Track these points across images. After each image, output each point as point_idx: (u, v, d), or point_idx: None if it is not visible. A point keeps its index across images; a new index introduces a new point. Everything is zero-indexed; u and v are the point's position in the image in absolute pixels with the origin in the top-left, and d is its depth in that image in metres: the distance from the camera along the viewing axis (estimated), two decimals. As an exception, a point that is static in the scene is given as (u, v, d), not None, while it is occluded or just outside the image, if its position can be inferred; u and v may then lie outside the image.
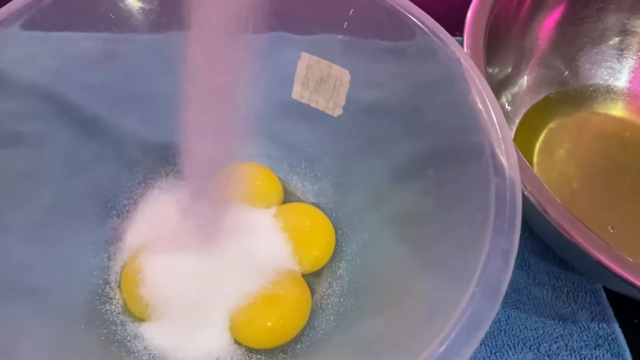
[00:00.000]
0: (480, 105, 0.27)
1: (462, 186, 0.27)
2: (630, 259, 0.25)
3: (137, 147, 0.35)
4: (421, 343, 0.22)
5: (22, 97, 0.31)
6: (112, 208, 0.34)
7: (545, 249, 0.36)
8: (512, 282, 0.35)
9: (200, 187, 0.30)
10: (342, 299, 0.32)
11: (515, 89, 0.39)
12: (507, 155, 0.25)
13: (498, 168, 0.25)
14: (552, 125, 0.40)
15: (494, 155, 0.25)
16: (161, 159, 0.36)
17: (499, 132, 0.26)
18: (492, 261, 0.22)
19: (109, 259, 0.32)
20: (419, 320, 0.25)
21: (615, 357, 0.33)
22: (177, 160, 0.36)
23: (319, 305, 0.32)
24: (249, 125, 0.37)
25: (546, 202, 0.26)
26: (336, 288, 0.33)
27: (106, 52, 0.34)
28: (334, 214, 0.35)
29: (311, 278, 0.33)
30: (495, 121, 0.26)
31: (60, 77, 0.32)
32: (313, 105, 0.35)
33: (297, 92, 0.35)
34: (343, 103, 0.34)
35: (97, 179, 0.34)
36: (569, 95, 0.41)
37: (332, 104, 0.34)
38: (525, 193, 0.26)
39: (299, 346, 0.30)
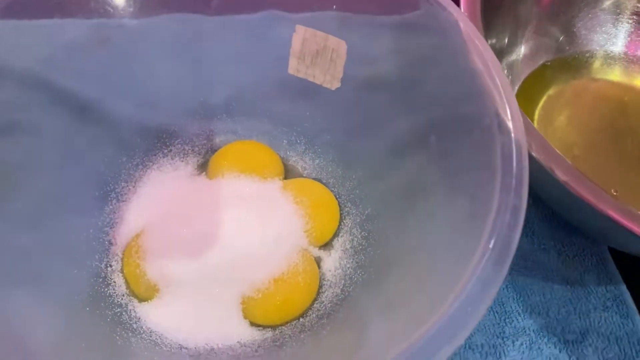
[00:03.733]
0: (481, 66, 0.27)
1: (466, 150, 0.27)
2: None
3: (133, 131, 0.35)
4: (431, 309, 0.22)
5: (14, 86, 0.30)
6: (111, 192, 0.33)
7: (549, 214, 0.36)
8: (518, 248, 0.34)
9: None
10: (348, 272, 0.32)
11: (512, 58, 0.39)
12: (511, 113, 0.25)
13: (503, 126, 0.25)
14: (550, 92, 0.40)
15: (497, 114, 0.25)
16: (158, 141, 0.36)
17: (501, 90, 0.25)
18: (501, 219, 0.22)
19: (110, 242, 0.32)
20: (428, 288, 0.25)
21: (624, 318, 0.33)
22: (174, 141, 0.36)
23: (325, 279, 0.32)
24: (246, 104, 0.37)
25: (553, 161, 0.25)
26: (342, 262, 0.32)
27: (97, 38, 0.33)
28: (335, 189, 0.35)
29: (317, 252, 0.33)
30: (498, 81, 0.26)
31: (52, 65, 0.31)
32: (310, 79, 0.35)
33: (293, 67, 0.35)
34: (340, 75, 0.34)
35: (94, 163, 0.33)
36: (565, 62, 0.41)
37: (329, 77, 0.34)
38: (532, 153, 0.26)
39: (307, 320, 0.30)
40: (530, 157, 0.24)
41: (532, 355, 0.31)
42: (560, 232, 0.36)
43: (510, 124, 0.25)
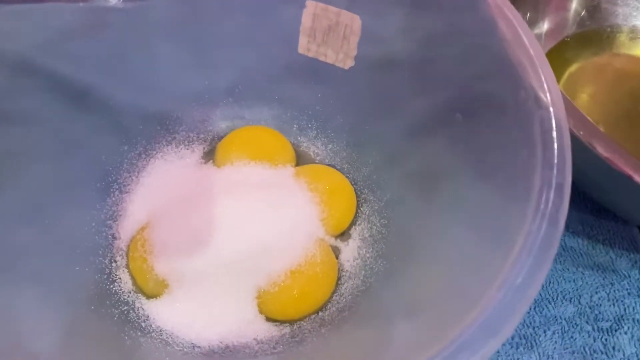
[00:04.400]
0: (510, 36, 0.25)
1: (497, 127, 0.25)
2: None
3: (135, 118, 0.33)
4: (467, 306, 0.20)
5: (9, 73, 0.28)
6: (113, 182, 0.31)
7: (576, 197, 0.34)
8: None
9: None
10: (368, 262, 0.30)
11: (534, 33, 0.37)
12: (547, 86, 0.23)
13: (540, 100, 0.23)
14: (571, 69, 0.38)
15: (533, 87, 0.23)
16: (161, 128, 0.34)
17: (535, 62, 0.24)
18: (545, 198, 0.20)
19: (113, 236, 0.30)
20: (460, 281, 0.23)
21: (660, 303, 0.31)
22: (178, 128, 0.34)
23: (345, 270, 0.30)
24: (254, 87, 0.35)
25: (593, 136, 0.23)
26: (362, 251, 0.30)
27: (95, 22, 0.31)
28: (351, 175, 0.33)
29: (335, 242, 0.31)
30: (531, 51, 0.24)
31: (48, 50, 0.29)
32: (321, 58, 0.33)
33: (304, 46, 0.33)
34: (354, 53, 0.32)
35: (94, 153, 0.31)
36: (587, 38, 0.39)
37: (342, 55, 0.32)
38: (570, 127, 0.24)
39: (326, 314, 0.28)
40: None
41: (564, 344, 0.30)
42: (589, 215, 0.34)
43: (547, 97, 0.23)
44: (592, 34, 0.39)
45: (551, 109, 0.22)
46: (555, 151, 0.21)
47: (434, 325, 0.21)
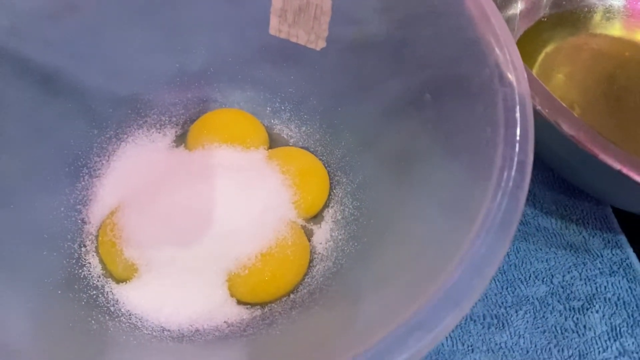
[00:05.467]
0: (477, 13, 0.25)
1: (464, 107, 0.25)
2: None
3: (105, 102, 0.32)
4: (431, 279, 0.20)
5: None
6: (83, 167, 0.31)
7: (550, 178, 0.34)
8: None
9: None
10: (340, 244, 0.30)
11: (509, 14, 0.37)
12: (512, 63, 0.23)
13: (504, 77, 0.23)
14: (547, 49, 0.38)
15: (497, 64, 0.23)
16: (132, 112, 0.33)
17: (500, 39, 0.23)
18: (506, 175, 0.20)
19: (83, 221, 0.30)
20: (426, 256, 0.23)
21: (632, 282, 0.31)
22: (149, 112, 0.33)
23: (317, 252, 0.30)
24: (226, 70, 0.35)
25: (559, 114, 0.23)
26: (334, 233, 0.30)
27: (64, 5, 0.31)
28: (324, 157, 0.33)
29: (307, 225, 0.31)
30: (497, 29, 0.24)
31: (15, 34, 0.29)
32: (293, 39, 0.32)
33: (275, 27, 0.32)
34: (326, 34, 0.31)
35: (64, 137, 0.31)
36: (562, 18, 0.39)
37: (313, 36, 0.32)
38: (535, 106, 0.24)
39: (297, 296, 0.28)
40: (533, 112, 0.22)
41: (536, 324, 0.30)
42: (562, 195, 0.34)
43: (512, 75, 0.23)
44: (568, 14, 0.39)
45: (515, 87, 0.22)
46: (518, 129, 0.21)
47: (398, 301, 0.21)
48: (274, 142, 0.34)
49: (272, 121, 0.34)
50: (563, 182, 0.34)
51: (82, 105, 0.32)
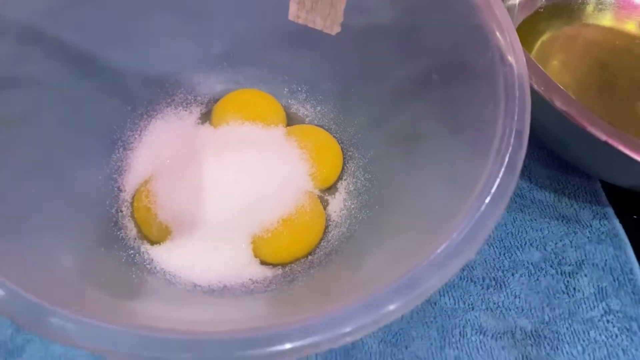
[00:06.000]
0: (481, 3, 0.27)
1: (469, 86, 0.28)
2: (635, 138, 0.25)
3: (136, 81, 0.35)
4: (431, 236, 0.22)
5: (14, 40, 0.30)
6: (118, 140, 0.34)
7: (544, 155, 0.37)
8: (516, 187, 0.36)
9: None
10: (353, 212, 0.33)
11: (508, 4, 0.40)
12: (512, 46, 0.26)
13: (504, 58, 0.25)
14: (544, 38, 0.41)
15: (499, 47, 0.26)
16: (161, 91, 0.36)
17: (502, 24, 0.26)
18: (506, 142, 0.23)
19: (119, 189, 0.33)
20: (431, 218, 0.26)
21: (618, 250, 0.34)
22: (176, 91, 0.36)
23: (332, 219, 0.33)
24: (247, 53, 0.37)
25: (553, 92, 0.26)
26: (347, 203, 0.33)
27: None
28: (338, 134, 0.36)
29: (323, 195, 0.34)
30: (498, 14, 0.26)
31: (51, 18, 0.31)
32: (310, 25, 0.35)
33: (294, 13, 0.35)
34: (341, 20, 0.34)
35: (99, 114, 0.33)
36: (558, 9, 0.42)
37: (329, 22, 0.34)
38: (532, 84, 0.27)
39: (315, 257, 0.31)
40: (531, 90, 0.25)
41: (530, 285, 0.33)
42: (556, 171, 0.37)
43: (511, 57, 0.25)
44: (564, 6, 0.42)
45: (514, 66, 0.25)
46: (517, 102, 0.24)
47: (401, 258, 0.24)
48: (291, 120, 0.37)
49: (290, 101, 0.37)
50: (556, 159, 0.37)
51: (116, 85, 0.34)
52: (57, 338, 0.19)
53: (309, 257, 0.31)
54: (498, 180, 0.22)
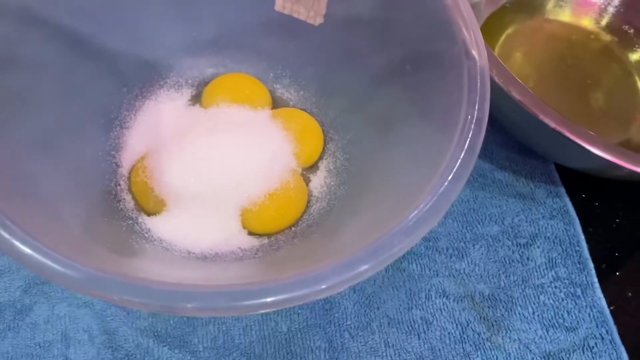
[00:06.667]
0: (450, 1, 0.30)
1: (437, 77, 0.31)
2: (580, 126, 0.29)
3: (132, 64, 0.37)
4: (400, 208, 0.26)
5: (11, 21, 0.31)
6: (115, 119, 0.36)
7: (505, 139, 0.41)
8: (478, 168, 0.40)
9: None
10: (332, 189, 0.36)
11: (476, 0, 0.43)
12: (476, 42, 0.29)
13: (469, 53, 0.29)
14: (508, 31, 0.44)
15: (464, 43, 0.29)
16: (155, 73, 0.38)
17: (468, 23, 0.29)
18: (467, 127, 0.27)
19: (117, 164, 0.35)
20: (400, 193, 0.29)
21: (567, 225, 0.38)
22: (169, 74, 0.39)
23: (313, 195, 0.36)
24: (235, 40, 0.40)
25: (510, 84, 0.30)
26: (327, 180, 0.36)
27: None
28: (319, 118, 0.39)
29: (306, 174, 0.37)
30: (465, 14, 0.30)
31: (47, 1, 0.33)
32: (295, 15, 0.38)
33: (280, 4, 0.38)
34: (324, 12, 0.37)
35: (96, 94, 0.36)
36: (523, 5, 0.45)
37: (313, 13, 0.37)
38: (492, 77, 0.30)
39: (298, 229, 0.34)
40: (491, 82, 0.28)
41: (489, 256, 0.37)
42: (514, 154, 0.41)
43: (475, 52, 0.29)
44: (527, 2, 0.45)
45: (477, 60, 0.28)
46: (478, 92, 0.27)
47: (378, 224, 0.27)
48: (276, 103, 0.40)
49: (275, 85, 0.40)
50: (515, 143, 0.41)
51: (112, 67, 0.36)
52: (80, 290, 0.22)
53: (293, 229, 0.34)
54: (459, 160, 0.26)
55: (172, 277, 0.27)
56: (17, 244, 0.22)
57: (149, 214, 0.34)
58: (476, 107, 0.27)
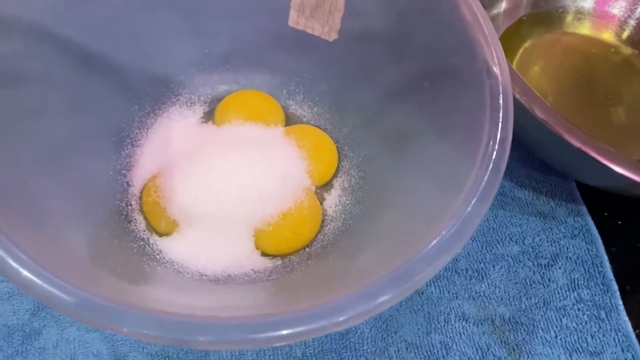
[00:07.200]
0: (470, 17, 0.29)
1: (457, 93, 0.30)
2: (606, 146, 0.28)
3: (143, 81, 0.37)
4: (421, 233, 0.25)
5: (21, 38, 0.31)
6: (126, 137, 0.36)
7: (525, 156, 0.40)
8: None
9: None
10: (347, 208, 0.35)
11: (493, 12, 0.42)
12: (497, 60, 0.28)
13: (491, 71, 0.28)
14: (526, 45, 0.43)
15: (486, 60, 0.28)
16: (166, 90, 0.38)
17: (489, 39, 0.29)
18: (491, 149, 0.26)
19: (128, 184, 0.34)
20: (421, 215, 0.28)
21: (589, 244, 0.37)
22: (181, 91, 0.38)
23: (328, 214, 0.35)
24: (247, 56, 0.39)
25: (534, 102, 0.29)
26: (342, 199, 0.36)
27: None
28: (333, 134, 0.38)
29: (320, 192, 0.36)
30: (485, 30, 0.29)
31: (58, 18, 0.32)
32: (309, 31, 0.37)
33: (293, 19, 0.37)
34: (338, 27, 0.36)
35: (107, 111, 0.35)
36: (540, 17, 0.44)
37: (327, 28, 0.36)
38: (515, 95, 0.29)
39: (312, 249, 0.33)
40: (513, 100, 0.27)
41: (510, 277, 0.36)
42: (535, 171, 0.40)
43: (497, 69, 0.28)
44: (545, 14, 0.45)
45: (499, 79, 0.27)
46: (501, 112, 0.26)
47: (398, 249, 0.26)
48: (289, 120, 0.39)
49: (288, 102, 0.39)
50: (535, 160, 0.40)
51: (123, 84, 0.36)
52: (88, 321, 0.21)
53: (307, 249, 0.34)
54: (483, 183, 0.25)
55: (184, 303, 0.26)
56: (23, 271, 0.21)
57: (160, 235, 0.33)
58: (499, 127, 0.26)
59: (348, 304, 0.21)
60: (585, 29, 0.45)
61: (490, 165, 0.25)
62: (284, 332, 0.21)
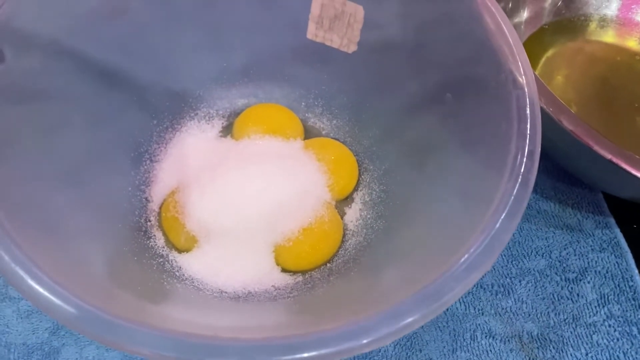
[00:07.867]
0: (493, 26, 0.29)
1: (481, 104, 0.29)
2: (635, 156, 0.27)
3: (161, 96, 0.37)
4: (457, 248, 0.24)
5: (41, 54, 0.31)
6: (145, 152, 0.35)
7: (550, 167, 0.39)
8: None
9: None
10: (369, 222, 0.34)
11: (515, 21, 0.42)
12: (523, 69, 0.27)
13: (517, 81, 0.27)
14: (548, 54, 0.42)
15: (511, 70, 0.27)
16: (185, 105, 0.38)
17: (514, 49, 0.28)
18: (519, 162, 0.25)
19: (147, 199, 0.34)
20: (446, 231, 0.28)
21: (619, 258, 0.36)
22: (199, 105, 0.38)
23: (349, 229, 0.34)
24: (265, 69, 0.39)
25: (561, 112, 0.28)
26: (363, 213, 0.35)
27: (116, 8, 0.35)
28: (353, 147, 0.38)
29: (340, 206, 0.35)
30: (510, 39, 0.28)
31: (77, 34, 0.32)
32: (328, 43, 0.37)
33: (312, 32, 0.37)
34: (357, 39, 0.36)
35: (126, 127, 0.35)
36: (562, 25, 0.44)
37: (346, 40, 0.36)
38: (541, 105, 0.28)
39: (334, 265, 0.33)
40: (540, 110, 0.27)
41: (537, 292, 0.35)
42: (560, 182, 0.39)
43: (523, 79, 0.27)
44: (567, 22, 0.44)
45: (526, 89, 0.27)
46: (528, 124, 0.26)
47: (424, 266, 0.25)
48: (308, 133, 0.38)
49: (307, 115, 0.39)
50: (561, 171, 0.39)
51: (142, 99, 0.36)
52: (107, 343, 0.20)
53: (328, 265, 0.33)
54: (512, 197, 0.24)
55: (205, 323, 0.26)
56: (42, 290, 0.21)
57: (180, 251, 0.33)
58: (527, 139, 0.25)
59: (375, 325, 0.21)
60: (608, 36, 0.44)
61: (519, 179, 0.24)
62: (309, 354, 0.20)
